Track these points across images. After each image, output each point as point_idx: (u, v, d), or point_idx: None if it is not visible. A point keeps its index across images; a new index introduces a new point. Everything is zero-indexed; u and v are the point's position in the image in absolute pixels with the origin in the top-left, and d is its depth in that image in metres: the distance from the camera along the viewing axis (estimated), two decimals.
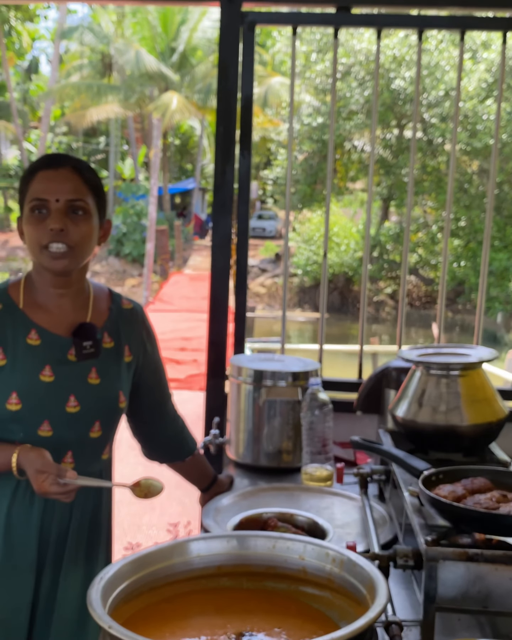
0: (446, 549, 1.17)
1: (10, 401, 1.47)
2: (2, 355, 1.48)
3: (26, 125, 29.06)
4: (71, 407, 1.52)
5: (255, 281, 21.07)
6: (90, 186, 1.52)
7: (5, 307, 1.52)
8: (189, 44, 24.09)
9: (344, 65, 16.25)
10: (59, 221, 1.45)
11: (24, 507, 1.51)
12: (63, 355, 1.53)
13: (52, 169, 1.49)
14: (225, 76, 2.35)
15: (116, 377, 1.61)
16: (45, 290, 1.54)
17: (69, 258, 1.48)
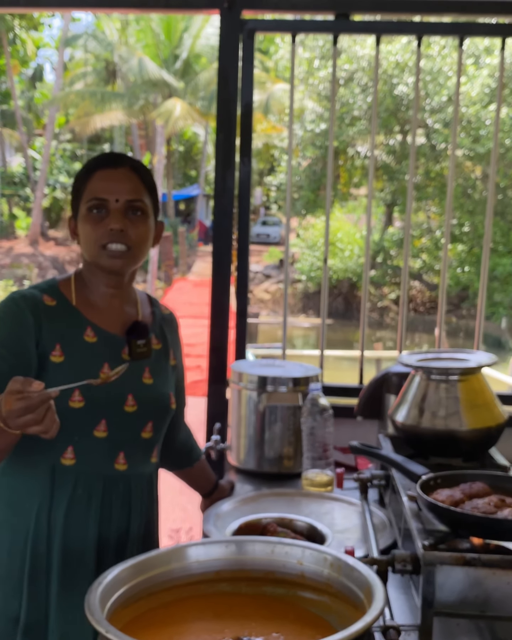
0: (444, 554, 1.17)
1: (73, 399, 1.42)
2: (60, 352, 1.44)
3: (31, 133, 29.19)
4: (129, 407, 1.49)
5: (259, 287, 21.08)
6: (147, 186, 1.50)
7: (60, 303, 1.48)
8: (192, 51, 24.20)
9: (347, 72, 16.29)
10: (119, 221, 1.44)
11: (81, 514, 1.46)
12: (118, 354, 1.51)
13: (111, 168, 1.47)
14: (225, 83, 2.36)
15: (166, 378, 1.60)
16: (98, 290, 1.52)
17: (127, 258, 1.46)
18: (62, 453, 1.44)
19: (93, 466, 1.46)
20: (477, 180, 16.98)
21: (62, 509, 1.44)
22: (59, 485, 1.44)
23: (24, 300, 1.44)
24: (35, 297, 1.45)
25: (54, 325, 1.44)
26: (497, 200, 15.91)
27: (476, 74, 15.79)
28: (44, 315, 1.44)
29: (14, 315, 1.42)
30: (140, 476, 1.53)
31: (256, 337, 14.36)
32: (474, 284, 16.84)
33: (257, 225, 28.18)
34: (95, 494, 1.46)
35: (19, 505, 1.44)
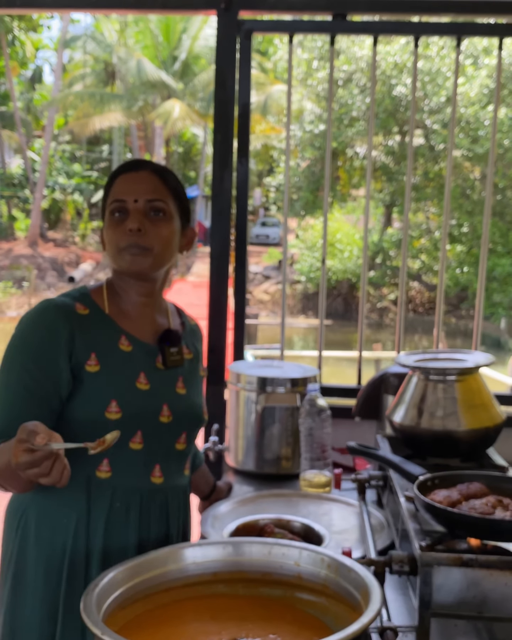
0: (441, 554, 1.17)
1: (110, 409, 1.39)
2: (95, 362, 1.40)
3: (30, 134, 29.17)
4: (164, 417, 1.46)
5: (258, 288, 21.08)
6: (171, 189, 1.47)
7: (93, 312, 1.45)
8: (191, 52, 24.21)
9: (346, 73, 16.30)
10: (136, 221, 1.41)
11: (120, 528, 1.43)
12: (153, 363, 1.48)
13: (133, 171, 1.46)
14: (223, 84, 2.36)
15: (198, 388, 1.59)
16: (130, 298, 1.49)
17: (148, 257, 1.43)
18: (98, 466, 1.41)
19: (129, 479, 1.43)
20: (476, 181, 16.99)
21: (101, 523, 1.41)
22: (95, 498, 1.41)
23: (57, 309, 1.40)
24: (67, 305, 1.42)
25: (88, 335, 1.41)
26: (496, 201, 15.92)
27: (475, 75, 15.80)
28: (77, 324, 1.40)
29: (45, 327, 1.39)
30: (175, 488, 1.51)
31: (255, 338, 14.36)
32: (473, 285, 16.84)
33: (256, 226, 28.17)
34: (133, 507, 1.44)
35: (56, 520, 1.41)
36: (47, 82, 33.20)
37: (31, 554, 1.41)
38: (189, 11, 2.43)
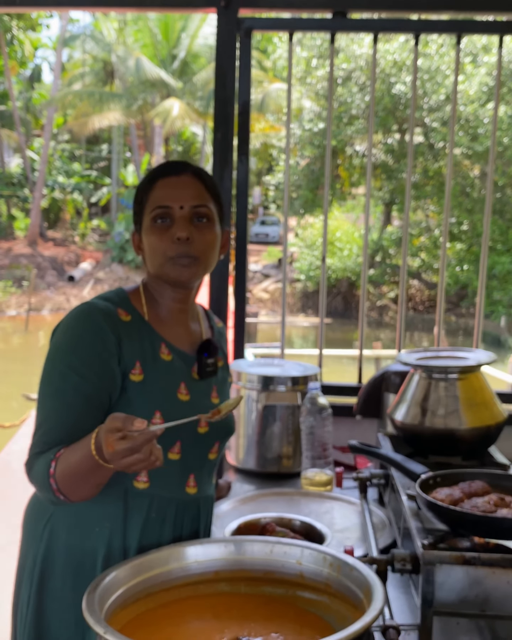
0: (443, 553, 1.17)
1: (154, 421, 1.35)
2: (139, 370, 1.36)
3: (29, 134, 29.15)
4: (202, 428, 1.43)
5: (258, 287, 21.07)
6: (212, 192, 1.43)
7: (135, 318, 1.40)
8: (190, 51, 24.19)
9: (345, 71, 16.29)
10: (185, 229, 1.36)
11: (154, 539, 1.39)
12: (190, 373, 1.44)
13: (173, 175, 1.41)
14: (223, 82, 2.36)
15: (228, 396, 1.56)
16: (166, 304, 1.45)
17: (195, 267, 1.38)
18: (136, 476, 1.38)
19: (166, 490, 1.41)
20: (476, 179, 16.98)
21: (136, 533, 1.38)
22: (132, 509, 1.38)
23: (102, 315, 1.35)
24: (111, 311, 1.37)
25: (132, 342, 1.36)
26: (496, 199, 15.91)
27: (474, 73, 15.79)
28: (122, 331, 1.36)
29: (95, 332, 1.34)
30: (207, 499, 1.49)
31: (255, 336, 14.36)
32: (473, 283, 16.85)
33: (256, 225, 28.16)
34: (168, 518, 1.41)
35: (89, 529, 1.38)
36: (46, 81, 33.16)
37: (59, 560, 1.38)
38: (189, 9, 2.42)
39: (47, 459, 1.28)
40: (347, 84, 16.45)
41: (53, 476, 1.26)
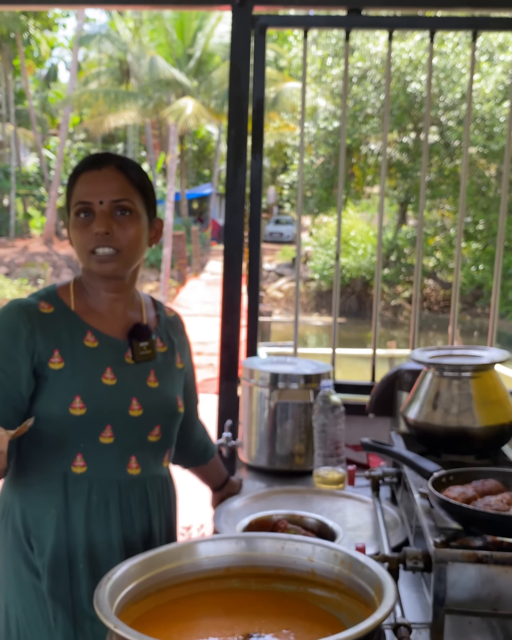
0: (455, 551, 1.16)
1: (74, 405, 1.39)
2: (59, 358, 1.41)
3: (45, 133, 29.32)
4: (134, 411, 1.46)
5: (272, 286, 21.06)
6: (136, 185, 1.44)
7: (58, 309, 1.45)
8: (205, 50, 24.21)
9: (360, 69, 16.25)
10: (103, 224, 1.39)
11: (101, 521, 1.44)
12: (121, 358, 1.48)
13: (95, 169, 1.42)
14: (237, 79, 2.35)
15: (173, 381, 1.57)
16: (98, 295, 1.49)
17: (117, 261, 1.42)
18: (72, 461, 1.42)
19: (105, 472, 1.44)
20: (492, 178, 16.88)
21: (81, 518, 1.42)
22: (73, 493, 1.42)
23: (18, 309, 1.41)
24: (30, 305, 1.43)
25: (50, 332, 1.42)
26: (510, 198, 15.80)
27: (490, 71, 15.70)
28: (38, 323, 1.41)
29: (7, 328, 1.40)
30: (154, 478, 1.51)
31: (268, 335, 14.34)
32: (489, 282, 16.75)
33: (270, 224, 28.16)
34: (113, 499, 1.44)
35: (40, 517, 1.42)
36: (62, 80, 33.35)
37: (23, 550, 1.43)
38: (204, 6, 2.42)
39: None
40: (362, 82, 16.40)
41: None
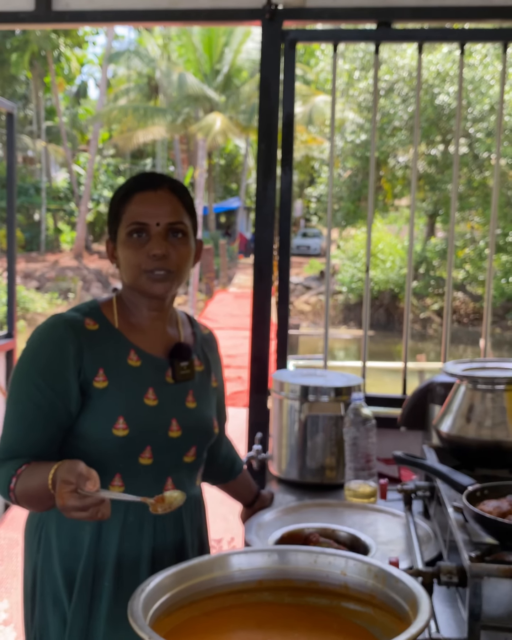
0: (491, 566, 1.14)
1: (117, 426, 1.38)
2: (103, 377, 1.40)
3: (75, 148, 29.75)
4: (173, 432, 1.45)
5: (300, 299, 21.05)
6: (187, 207, 1.46)
7: (102, 326, 1.44)
8: (233, 66, 24.45)
9: (387, 82, 16.26)
10: (161, 246, 1.39)
11: (134, 541, 1.43)
12: (162, 377, 1.47)
13: (151, 190, 1.42)
14: (267, 94, 2.37)
15: (209, 402, 1.57)
16: (140, 312, 1.48)
17: (170, 282, 1.42)
18: (110, 481, 1.41)
19: (142, 493, 1.39)
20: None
21: (114, 537, 1.41)
22: (110, 518, 1.38)
23: (65, 325, 1.40)
24: (76, 321, 1.41)
25: (96, 350, 1.40)
26: None
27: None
28: (85, 340, 1.40)
29: (54, 343, 1.38)
30: (189, 499, 1.49)
31: (296, 348, 14.32)
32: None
33: (297, 237, 28.19)
34: (147, 520, 1.43)
35: (74, 534, 1.42)
36: (92, 97, 33.85)
37: (56, 568, 1.43)
38: (234, 22, 2.45)
39: (9, 472, 1.34)
40: (389, 95, 16.41)
41: (13, 491, 1.32)
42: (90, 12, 2.42)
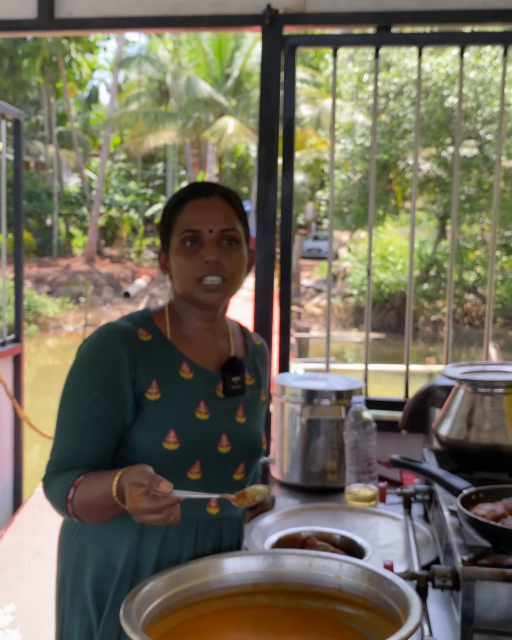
0: (484, 569, 1.14)
1: (168, 440, 1.35)
2: (156, 389, 1.37)
3: (87, 153, 29.88)
4: (223, 447, 1.42)
5: (310, 302, 21.03)
6: (239, 214, 1.44)
7: (155, 337, 1.41)
8: (243, 70, 24.51)
9: (396, 85, 16.24)
10: (214, 253, 1.37)
11: (172, 558, 1.39)
12: (213, 391, 1.44)
13: (203, 197, 1.40)
14: (267, 98, 2.38)
15: (258, 417, 1.53)
16: (191, 323, 1.45)
17: (223, 291, 1.39)
18: None
19: (186, 510, 1.36)
20: None
21: (153, 552, 1.39)
22: (149, 527, 1.37)
23: (119, 335, 1.37)
24: (129, 331, 1.38)
25: (149, 361, 1.38)
26: None
27: None
28: (139, 350, 1.37)
29: (109, 353, 1.35)
30: (231, 519, 1.47)
31: (306, 351, 14.31)
32: None
33: (308, 240, 28.18)
34: (189, 538, 1.41)
35: (111, 544, 1.40)
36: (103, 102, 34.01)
37: (88, 575, 1.41)
38: (235, 28, 2.46)
39: (66, 483, 1.31)
40: (399, 98, 16.38)
41: (71, 502, 1.29)
42: (92, 20, 2.45)
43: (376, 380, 2.51)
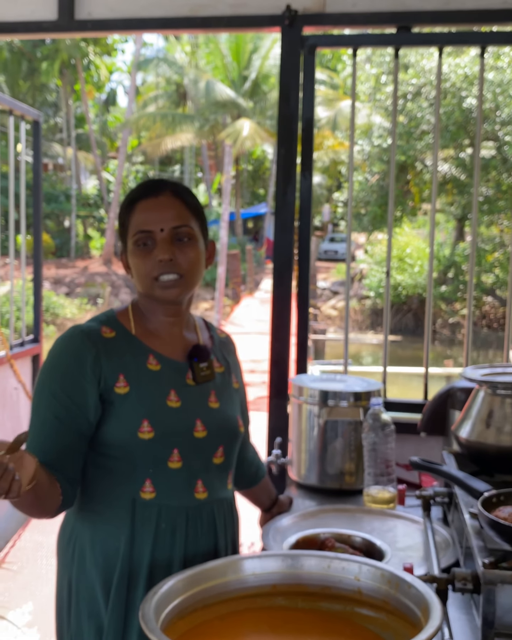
0: (505, 572, 1.13)
1: (143, 429, 1.39)
2: (124, 383, 1.41)
3: (104, 156, 30.05)
4: (199, 432, 1.46)
5: (327, 304, 21.00)
6: (192, 209, 1.45)
7: (120, 334, 1.45)
8: (261, 72, 24.54)
9: (414, 86, 16.18)
10: (167, 251, 1.40)
11: (166, 550, 1.42)
12: (183, 380, 1.48)
13: (152, 197, 1.42)
14: (286, 99, 2.38)
15: (232, 401, 1.57)
16: (157, 319, 1.49)
17: (180, 287, 1.43)
18: (141, 487, 1.41)
19: (174, 498, 1.43)
20: None
21: (148, 545, 1.41)
22: (141, 521, 1.41)
23: (82, 335, 1.42)
24: (93, 330, 1.43)
25: (114, 357, 1.42)
26: None
27: None
28: (102, 348, 1.41)
29: (71, 353, 1.40)
30: (221, 502, 1.50)
31: (323, 353, 14.29)
32: None
33: (325, 242, 28.15)
34: (180, 527, 1.43)
35: (108, 543, 1.41)
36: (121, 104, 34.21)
37: (93, 579, 1.43)
38: (254, 29, 2.46)
39: None
40: (417, 99, 16.32)
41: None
42: (112, 21, 2.46)
43: (392, 383, 2.49)
